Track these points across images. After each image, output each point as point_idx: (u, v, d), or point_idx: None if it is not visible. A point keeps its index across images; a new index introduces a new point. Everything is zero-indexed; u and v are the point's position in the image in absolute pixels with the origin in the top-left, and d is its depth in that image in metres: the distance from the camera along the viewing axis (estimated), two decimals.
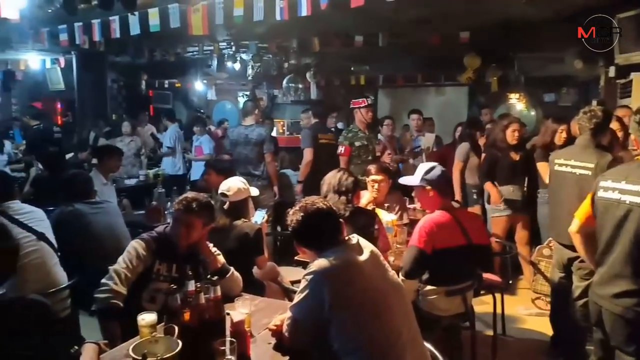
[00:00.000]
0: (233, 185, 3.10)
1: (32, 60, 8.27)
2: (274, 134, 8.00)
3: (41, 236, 2.78)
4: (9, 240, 1.61)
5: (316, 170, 4.63)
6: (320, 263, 1.83)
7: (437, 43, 6.21)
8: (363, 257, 1.88)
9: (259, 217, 3.36)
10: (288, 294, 2.96)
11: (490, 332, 3.44)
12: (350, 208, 2.89)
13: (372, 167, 3.47)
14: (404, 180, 2.98)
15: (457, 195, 4.79)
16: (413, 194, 3.08)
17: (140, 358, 1.59)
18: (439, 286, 2.68)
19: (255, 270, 3.03)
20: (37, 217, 2.84)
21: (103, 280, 2.31)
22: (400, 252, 3.07)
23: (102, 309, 2.27)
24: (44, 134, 6.32)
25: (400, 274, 2.63)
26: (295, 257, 3.11)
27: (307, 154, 5.05)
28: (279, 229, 5.11)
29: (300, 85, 8.47)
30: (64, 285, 2.83)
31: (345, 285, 1.79)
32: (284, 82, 8.58)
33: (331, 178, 3.01)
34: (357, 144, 4.57)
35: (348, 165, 4.40)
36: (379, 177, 3.38)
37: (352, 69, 8.58)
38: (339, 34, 6.38)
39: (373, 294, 1.81)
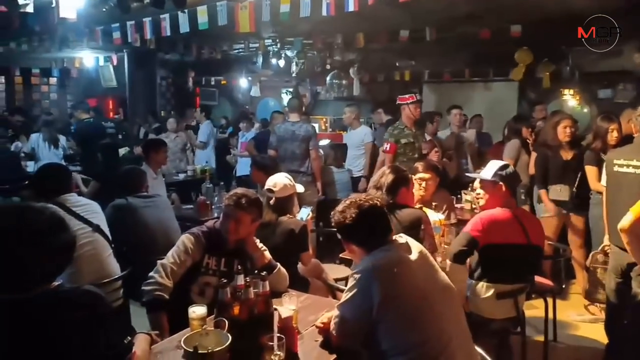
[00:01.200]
0: (279, 181, 3.13)
1: (87, 58, 8.62)
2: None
3: (96, 228, 2.88)
4: (67, 232, 1.66)
5: None
6: (369, 261, 1.82)
7: (487, 37, 6.03)
8: (412, 257, 1.85)
9: (304, 213, 3.37)
10: (332, 291, 2.95)
11: (540, 338, 3.32)
12: (387, 201, 2.83)
13: (419, 165, 3.41)
14: (476, 174, 2.95)
15: None
16: (476, 190, 2.99)
17: (192, 350, 1.62)
18: (492, 284, 2.62)
19: (299, 266, 3.05)
20: (93, 210, 2.94)
21: (150, 274, 2.38)
22: (448, 252, 3.01)
23: (148, 301, 2.33)
24: (95, 128, 6.54)
25: (447, 259, 2.62)
26: (341, 255, 3.10)
27: None
28: (321, 225, 5.12)
29: (344, 82, 8.44)
30: (116, 276, 2.93)
31: (394, 284, 1.77)
32: (328, 78, 8.57)
33: (376, 175, 2.99)
34: (403, 141, 4.50)
35: (393, 162, 4.35)
36: (426, 175, 3.32)
37: (397, 64, 8.46)
38: (385, 29, 6.30)
39: (423, 294, 1.78)
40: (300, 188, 3.36)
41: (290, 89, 10.81)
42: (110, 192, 3.84)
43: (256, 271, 2.33)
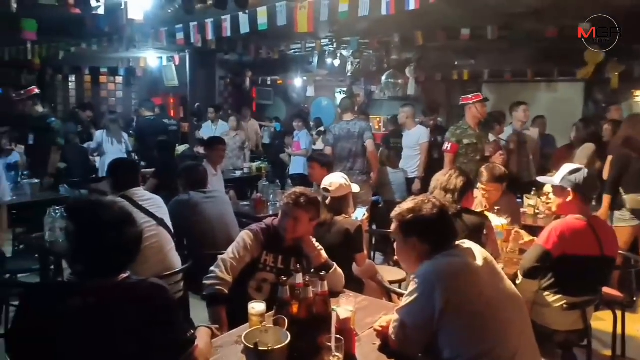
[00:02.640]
0: (335, 180, 3.13)
1: (151, 58, 8.97)
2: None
3: (161, 222, 2.98)
4: (134, 226, 1.72)
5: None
6: (431, 266, 1.76)
7: (553, 35, 5.77)
8: (477, 263, 1.78)
9: (359, 214, 3.35)
10: (388, 293, 2.91)
11: (607, 352, 3.14)
12: (456, 207, 2.76)
13: (485, 174, 3.28)
14: (543, 179, 2.82)
15: None
16: (549, 195, 2.87)
17: (252, 346, 1.64)
18: (560, 295, 2.49)
19: (353, 267, 3.03)
20: (157, 204, 3.06)
21: (211, 268, 2.43)
22: (510, 259, 2.90)
23: (209, 294, 2.38)
24: (155, 126, 6.81)
25: (518, 272, 2.50)
26: (395, 257, 3.04)
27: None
28: (373, 227, 5.10)
29: (400, 81, 8.33)
30: (178, 269, 3.02)
31: (458, 289, 1.71)
32: (384, 77, 8.48)
33: (441, 175, 2.91)
34: (465, 141, 4.38)
35: (453, 163, 4.25)
36: (490, 187, 3.23)
37: (456, 63, 8.26)
38: (445, 27, 6.16)
39: (488, 302, 1.71)
40: (355, 188, 3.35)
41: (344, 89, 10.81)
42: (167, 187, 3.98)
43: (312, 270, 2.35)
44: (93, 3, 4.33)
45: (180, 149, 6.98)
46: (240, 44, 7.36)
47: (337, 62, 8.27)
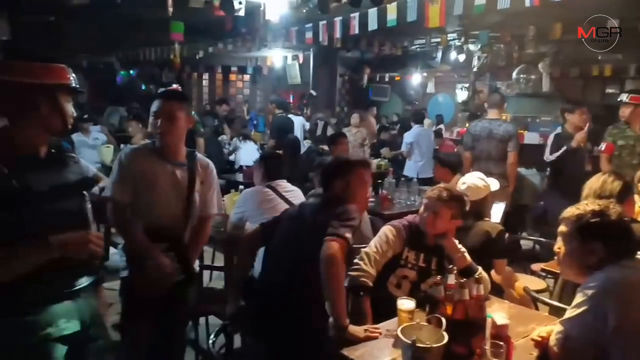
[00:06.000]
0: (471, 183, 2.99)
1: (276, 56, 9.39)
2: None
3: None
4: None
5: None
6: (604, 276, 1.62)
7: None
8: None
9: (496, 217, 3.20)
10: (534, 304, 2.74)
11: None
12: None
13: None
14: None
15: None
16: None
17: (410, 343, 1.64)
18: None
19: (492, 273, 2.89)
20: (298, 196, 3.20)
21: (355, 260, 2.45)
22: None
23: (354, 286, 2.42)
24: (286, 122, 7.10)
25: None
26: (543, 266, 2.85)
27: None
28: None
29: (532, 77, 7.81)
30: None
31: (635, 305, 1.55)
32: (514, 73, 8.02)
33: (594, 181, 2.65)
34: (620, 142, 4.00)
35: (609, 164, 3.90)
36: None
37: (599, 57, 7.53)
38: (588, 18, 5.63)
39: None
40: (494, 185, 3.17)
41: (466, 85, 10.42)
42: (294, 181, 4.14)
43: (454, 272, 2.28)
44: (236, 5, 4.62)
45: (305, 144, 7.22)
46: (364, 41, 7.40)
47: (462, 57, 7.98)
